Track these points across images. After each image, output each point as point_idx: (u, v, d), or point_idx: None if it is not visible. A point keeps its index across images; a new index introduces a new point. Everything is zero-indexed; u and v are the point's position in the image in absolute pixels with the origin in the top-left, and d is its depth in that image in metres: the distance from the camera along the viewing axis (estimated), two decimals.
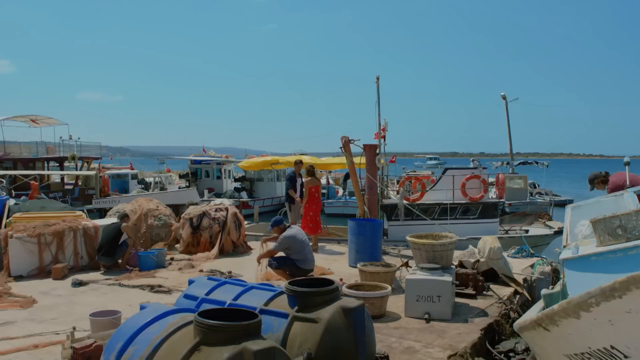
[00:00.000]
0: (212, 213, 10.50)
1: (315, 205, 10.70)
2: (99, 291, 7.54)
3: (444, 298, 6.02)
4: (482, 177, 13.44)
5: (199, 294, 4.46)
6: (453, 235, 6.73)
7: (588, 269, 3.82)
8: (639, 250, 3.69)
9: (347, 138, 9.24)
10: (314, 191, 10.66)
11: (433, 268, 6.21)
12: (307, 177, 10.65)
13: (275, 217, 8.01)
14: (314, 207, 10.68)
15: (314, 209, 10.67)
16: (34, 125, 30.41)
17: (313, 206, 10.65)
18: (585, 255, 3.84)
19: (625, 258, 3.72)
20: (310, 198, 10.58)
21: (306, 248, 7.65)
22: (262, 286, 4.47)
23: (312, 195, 10.66)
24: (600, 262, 3.79)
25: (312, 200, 10.66)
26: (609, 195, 5.18)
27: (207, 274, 8.55)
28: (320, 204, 10.95)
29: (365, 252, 8.74)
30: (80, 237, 8.91)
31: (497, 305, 6.74)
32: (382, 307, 6.14)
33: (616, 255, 3.75)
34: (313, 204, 10.66)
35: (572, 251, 4.05)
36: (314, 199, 10.70)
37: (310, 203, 10.62)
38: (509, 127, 31.63)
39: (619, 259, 3.75)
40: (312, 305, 3.89)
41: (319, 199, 10.93)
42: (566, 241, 4.85)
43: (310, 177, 10.64)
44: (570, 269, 3.96)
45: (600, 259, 3.79)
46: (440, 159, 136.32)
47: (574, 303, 3.04)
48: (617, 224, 4.05)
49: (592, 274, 3.79)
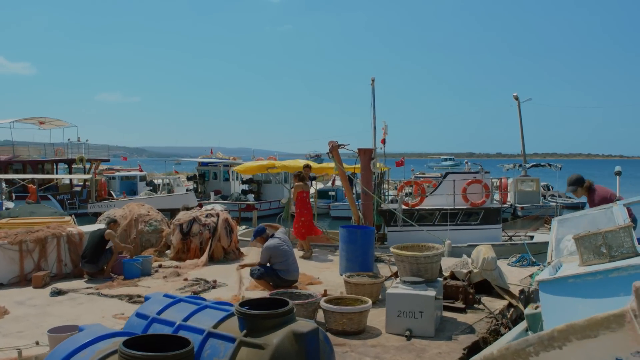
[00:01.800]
0: (203, 219, 10.26)
1: (307, 210, 10.47)
2: (75, 301, 7.32)
3: (427, 314, 5.66)
4: (484, 182, 12.98)
5: (150, 312, 4.18)
6: (439, 246, 6.37)
7: (565, 292, 3.45)
8: (620, 273, 3.32)
9: (335, 143, 8.92)
10: (304, 196, 10.44)
11: (416, 282, 5.86)
12: (297, 182, 10.41)
13: (257, 227, 7.74)
14: (306, 213, 10.44)
15: (306, 214, 10.43)
16: (43, 127, 30.59)
17: (305, 211, 10.42)
18: (562, 278, 3.48)
19: (605, 281, 3.36)
20: (301, 203, 10.36)
21: (289, 258, 7.35)
22: (217, 305, 4.18)
23: (303, 200, 10.44)
24: (579, 285, 3.42)
25: (304, 205, 10.45)
26: (597, 208, 4.79)
27: (192, 282, 8.32)
28: (310, 213, 10.69)
29: (356, 261, 8.40)
30: (64, 244, 8.72)
31: (487, 320, 6.36)
32: (361, 322, 5.81)
33: (596, 278, 3.39)
34: (305, 209, 10.44)
35: (550, 272, 3.67)
36: (305, 204, 10.48)
37: (301, 208, 10.41)
38: (522, 128, 31.00)
39: (598, 282, 3.38)
40: (261, 329, 3.58)
41: (310, 208, 10.71)
42: (551, 257, 4.49)
43: (299, 182, 10.41)
44: (546, 292, 3.59)
45: (579, 281, 3.42)
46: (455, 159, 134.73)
47: (511, 350, 2.69)
48: (601, 241, 3.68)
49: (570, 299, 3.43)
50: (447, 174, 13.71)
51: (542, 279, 3.67)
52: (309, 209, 10.54)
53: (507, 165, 30.04)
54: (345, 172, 9.64)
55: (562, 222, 4.85)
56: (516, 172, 29.24)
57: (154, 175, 38.12)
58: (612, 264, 3.44)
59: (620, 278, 3.29)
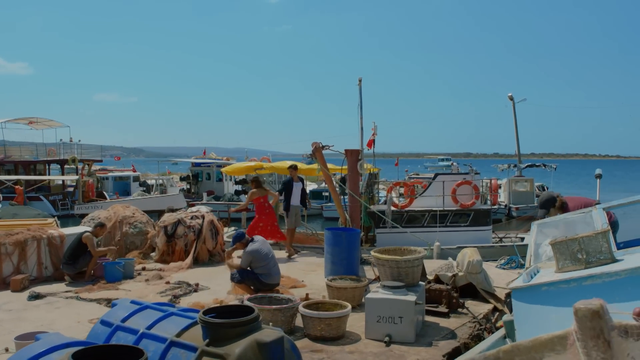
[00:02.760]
0: (188, 221, 10.12)
1: (265, 215, 10.58)
2: (53, 305, 7.18)
3: (406, 319, 5.54)
4: (473, 183, 12.86)
5: (115, 320, 4.05)
6: (421, 250, 6.25)
7: (538, 300, 3.33)
8: (594, 281, 3.20)
9: (318, 144, 8.79)
10: (262, 201, 10.58)
11: (396, 286, 5.74)
12: (253, 189, 10.63)
13: (236, 232, 7.61)
14: (264, 218, 10.55)
15: (264, 219, 10.53)
16: (34, 127, 30.34)
17: (263, 217, 10.53)
18: (535, 285, 3.36)
19: (579, 289, 3.24)
20: (259, 209, 10.56)
21: (270, 262, 7.23)
22: (184, 313, 4.05)
23: (261, 206, 10.60)
24: (552, 293, 3.30)
25: (262, 211, 10.60)
26: (577, 212, 4.67)
27: (173, 286, 8.19)
28: (273, 213, 10.79)
29: (341, 264, 8.27)
30: (45, 247, 8.58)
31: (470, 325, 6.24)
32: (340, 327, 5.69)
33: (569, 286, 3.27)
34: (262, 214, 10.57)
35: (524, 279, 3.55)
36: (263, 209, 10.61)
37: (259, 214, 10.57)
38: (517, 128, 30.87)
39: (572, 290, 3.26)
40: (224, 338, 3.46)
41: (270, 208, 10.77)
42: (529, 263, 4.37)
43: (255, 189, 10.61)
44: (518, 300, 3.47)
45: (552, 289, 3.30)
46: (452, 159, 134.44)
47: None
48: (577, 247, 3.56)
49: (543, 307, 3.31)
50: (436, 175, 13.59)
51: (515, 286, 3.55)
52: (268, 214, 10.62)
53: (502, 166, 29.92)
54: (330, 174, 9.51)
55: (542, 226, 4.73)
56: (511, 172, 29.12)
57: (147, 175, 37.92)
58: (587, 270, 3.32)
59: (595, 286, 3.18)
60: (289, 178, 11.27)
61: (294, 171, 10.99)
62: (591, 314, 2.39)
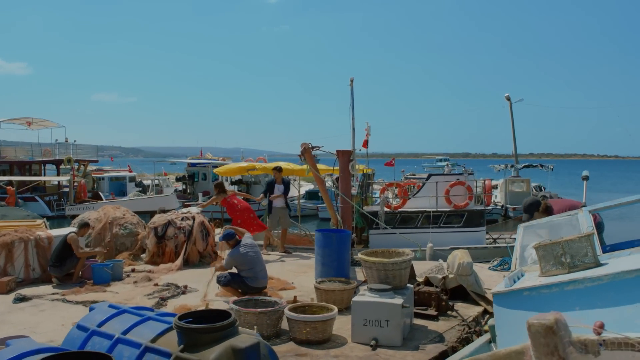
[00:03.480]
0: (178, 222, 10.03)
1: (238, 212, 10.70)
2: (38, 308, 7.09)
3: (393, 322, 5.47)
4: (467, 184, 12.78)
5: (91, 325, 3.98)
6: (409, 252, 6.16)
7: (520, 306, 3.26)
8: (577, 286, 3.13)
9: (307, 145, 8.70)
10: (230, 201, 10.74)
11: (383, 289, 5.66)
12: (217, 194, 10.85)
13: (226, 231, 7.53)
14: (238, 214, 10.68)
15: (239, 215, 10.64)
16: (30, 127, 30.20)
17: (237, 214, 10.66)
18: (516, 290, 3.28)
19: (561, 294, 3.16)
20: (231, 210, 10.73)
21: (256, 265, 7.14)
22: (160, 317, 3.97)
23: (233, 206, 10.74)
24: (534, 299, 3.23)
25: (233, 212, 10.73)
26: (562, 215, 4.59)
27: (161, 288, 8.10)
28: (246, 206, 10.93)
29: (331, 266, 8.19)
30: (32, 248, 8.48)
31: (459, 328, 6.17)
32: (325, 331, 5.61)
33: (551, 291, 3.19)
34: (236, 212, 10.70)
35: (506, 283, 3.47)
36: (234, 208, 10.73)
37: (232, 214, 10.72)
38: (514, 128, 30.81)
39: (554, 295, 3.18)
40: (199, 343, 3.38)
41: (242, 202, 10.93)
42: (515, 266, 4.29)
43: (219, 195, 10.84)
44: (500, 305, 3.39)
45: (534, 294, 3.23)
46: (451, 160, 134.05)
47: None
48: (560, 251, 3.49)
49: (524, 313, 3.22)
50: (430, 175, 13.53)
51: (497, 291, 3.47)
52: (240, 209, 10.73)
53: (499, 166, 29.80)
54: (320, 175, 9.43)
55: (528, 228, 4.66)
56: (508, 172, 29.02)
57: (144, 176, 37.78)
58: (569, 275, 3.25)
59: (577, 291, 3.11)
60: (271, 180, 11.21)
61: (278, 173, 10.94)
62: (544, 330, 2.29)
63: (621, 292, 2.96)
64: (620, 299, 2.95)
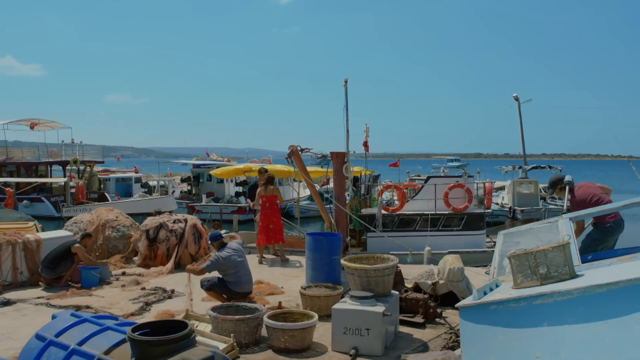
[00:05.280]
0: (170, 225, 9.93)
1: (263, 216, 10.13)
2: (20, 312, 7.01)
3: (374, 331, 5.29)
4: (466, 187, 12.53)
5: (49, 334, 3.86)
6: (393, 258, 5.98)
7: (486, 320, 3.06)
8: (545, 300, 2.93)
9: (295, 147, 8.53)
10: (265, 202, 10.12)
11: (364, 297, 5.49)
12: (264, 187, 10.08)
13: (213, 232, 7.39)
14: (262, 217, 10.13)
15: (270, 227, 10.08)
16: (35, 129, 30.37)
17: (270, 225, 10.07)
18: (483, 304, 3.08)
19: (529, 309, 2.97)
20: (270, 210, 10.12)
21: (240, 270, 6.98)
22: (120, 327, 3.83)
23: (263, 206, 10.19)
24: (501, 313, 3.03)
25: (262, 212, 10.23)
26: (543, 222, 4.39)
27: (148, 292, 8.01)
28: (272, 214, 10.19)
29: (322, 271, 8.04)
30: (20, 252, 8.41)
31: (446, 336, 5.96)
32: (305, 339, 5.45)
33: (519, 305, 3.00)
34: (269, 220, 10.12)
35: (474, 295, 3.28)
36: (264, 210, 10.19)
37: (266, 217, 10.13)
38: (522, 129, 30.37)
39: (522, 310, 2.99)
40: (151, 356, 3.24)
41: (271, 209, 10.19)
42: (492, 275, 4.09)
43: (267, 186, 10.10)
44: (465, 319, 3.20)
45: (501, 308, 3.04)
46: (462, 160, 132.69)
47: None
48: (533, 261, 3.29)
49: (491, 328, 3.04)
50: (429, 177, 13.30)
51: (463, 304, 3.28)
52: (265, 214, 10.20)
53: (506, 167, 29.32)
54: (310, 178, 9.27)
55: (508, 235, 4.45)
56: (515, 174, 28.57)
57: (151, 177, 37.85)
58: (539, 288, 3.05)
59: (545, 306, 2.91)
60: (254, 182, 10.87)
61: (263, 175, 10.53)
62: None
63: (591, 308, 2.77)
64: (590, 315, 2.76)
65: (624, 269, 3.16)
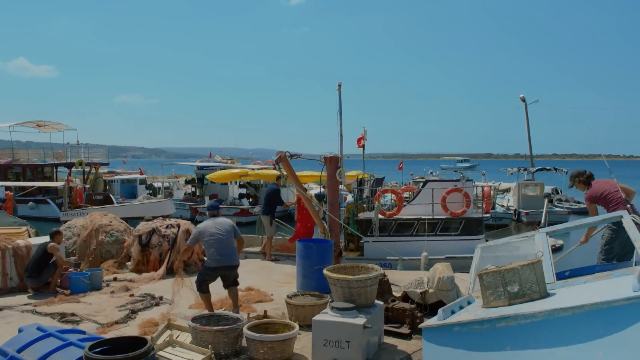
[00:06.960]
0: (162, 230, 9.88)
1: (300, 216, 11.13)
2: (5, 320, 6.96)
3: (354, 343, 5.17)
4: (464, 191, 12.35)
5: (11, 349, 3.80)
6: (378, 268, 5.86)
7: (450, 343, 2.94)
8: (509, 322, 2.80)
9: (283, 154, 8.42)
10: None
11: (346, 308, 5.37)
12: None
13: (212, 202, 7.27)
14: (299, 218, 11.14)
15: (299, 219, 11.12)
16: (42, 130, 30.55)
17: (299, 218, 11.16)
18: (446, 325, 2.96)
19: (492, 331, 2.84)
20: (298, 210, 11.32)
21: (215, 242, 6.57)
22: (82, 343, 3.76)
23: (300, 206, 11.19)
24: (464, 335, 2.91)
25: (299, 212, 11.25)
26: (520, 236, 4.24)
27: (136, 299, 7.95)
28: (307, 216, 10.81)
29: (312, 278, 7.94)
30: (10, 257, 8.40)
31: None
32: (284, 351, 5.35)
33: (483, 327, 2.87)
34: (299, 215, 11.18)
35: (439, 316, 3.16)
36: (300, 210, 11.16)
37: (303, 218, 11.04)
38: (529, 130, 30.04)
39: (485, 333, 2.86)
40: None
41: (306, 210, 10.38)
42: (469, 291, 3.96)
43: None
44: (429, 341, 3.08)
45: (465, 330, 2.91)
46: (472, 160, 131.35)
47: None
48: (502, 280, 3.16)
49: (454, 351, 2.91)
50: (426, 181, 13.14)
51: (426, 325, 3.16)
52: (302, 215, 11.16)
53: (512, 169, 28.94)
54: (300, 183, 9.16)
55: (485, 250, 4.32)
56: (521, 176, 28.21)
57: (156, 178, 37.93)
58: (505, 309, 2.92)
59: (509, 329, 2.78)
60: (273, 187, 10.99)
61: (279, 181, 10.65)
62: None
63: (555, 333, 2.63)
64: (554, 340, 2.63)
65: (596, 288, 3.02)
